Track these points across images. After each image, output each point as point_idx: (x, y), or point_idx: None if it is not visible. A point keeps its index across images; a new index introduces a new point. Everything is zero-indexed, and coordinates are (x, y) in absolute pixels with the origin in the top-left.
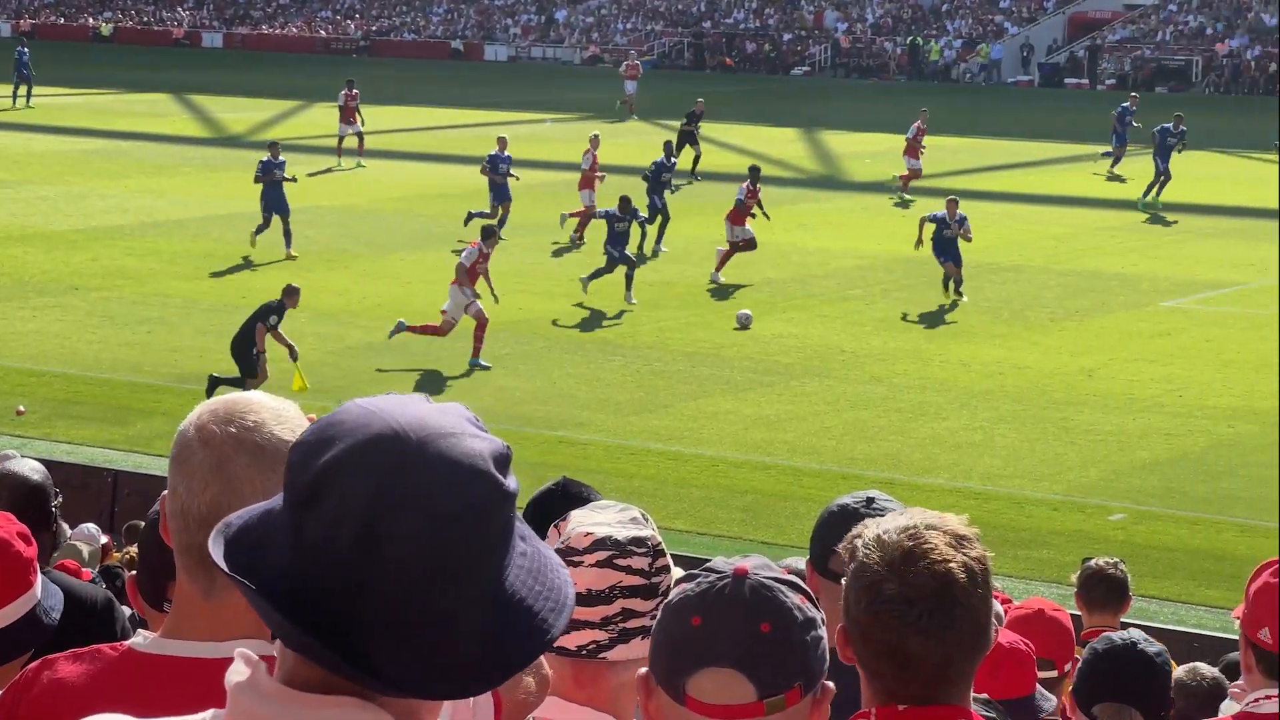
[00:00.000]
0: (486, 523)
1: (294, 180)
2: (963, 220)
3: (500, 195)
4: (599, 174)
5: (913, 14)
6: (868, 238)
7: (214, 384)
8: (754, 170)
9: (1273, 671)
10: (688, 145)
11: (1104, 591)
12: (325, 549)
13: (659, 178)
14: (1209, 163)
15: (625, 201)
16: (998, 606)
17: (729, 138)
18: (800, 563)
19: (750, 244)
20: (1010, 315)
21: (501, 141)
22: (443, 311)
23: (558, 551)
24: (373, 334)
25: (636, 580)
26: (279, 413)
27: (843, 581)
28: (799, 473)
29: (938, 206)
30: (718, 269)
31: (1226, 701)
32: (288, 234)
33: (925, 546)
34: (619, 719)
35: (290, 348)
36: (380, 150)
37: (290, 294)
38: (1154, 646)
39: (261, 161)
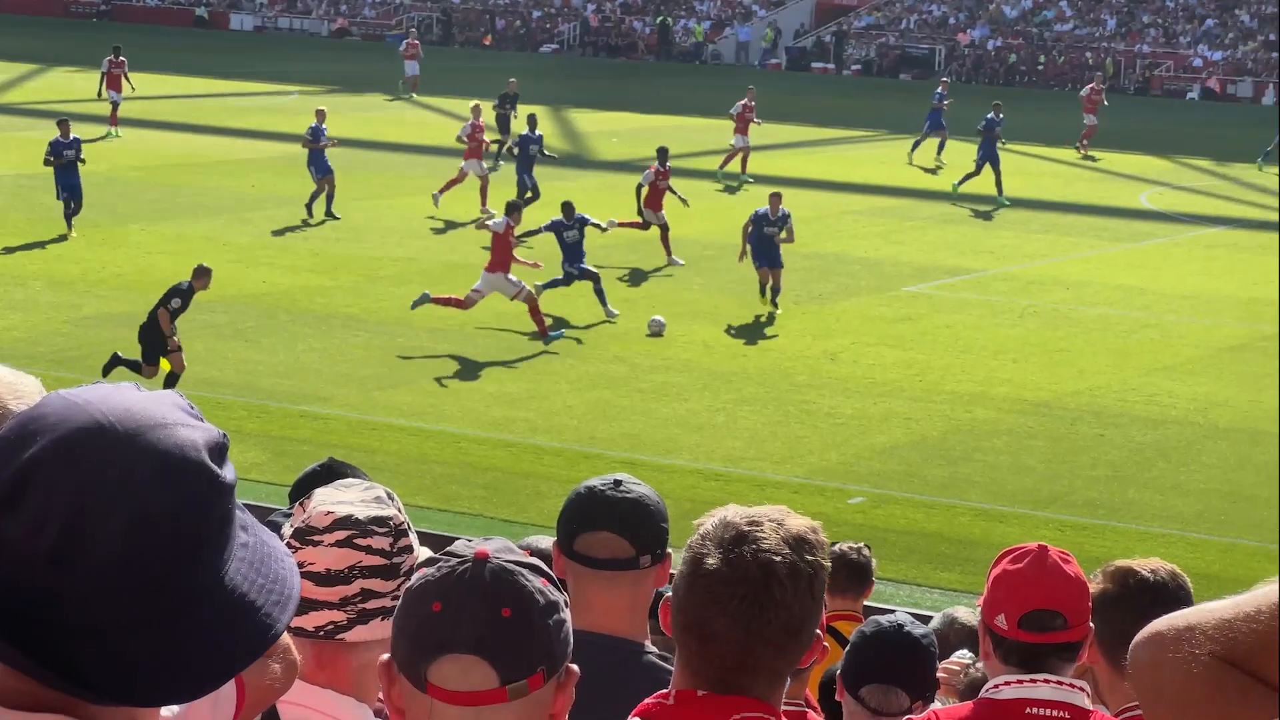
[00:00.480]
0: (202, 517)
1: (83, 161)
2: (786, 217)
3: (322, 169)
4: (485, 140)
5: None
6: (613, 217)
7: (113, 364)
8: (662, 151)
9: (1009, 657)
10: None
11: (847, 576)
12: (26, 551)
13: (526, 152)
14: (951, 150)
15: (569, 208)
16: None
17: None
18: (544, 542)
19: (665, 228)
20: (754, 297)
21: (320, 114)
22: (474, 289)
23: (298, 530)
24: (110, 304)
25: (377, 560)
26: (15, 387)
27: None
28: (540, 451)
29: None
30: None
31: (939, 691)
32: (74, 212)
33: (758, 534)
34: (361, 700)
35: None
36: (122, 118)
37: (200, 275)
38: (920, 629)
39: (51, 141)
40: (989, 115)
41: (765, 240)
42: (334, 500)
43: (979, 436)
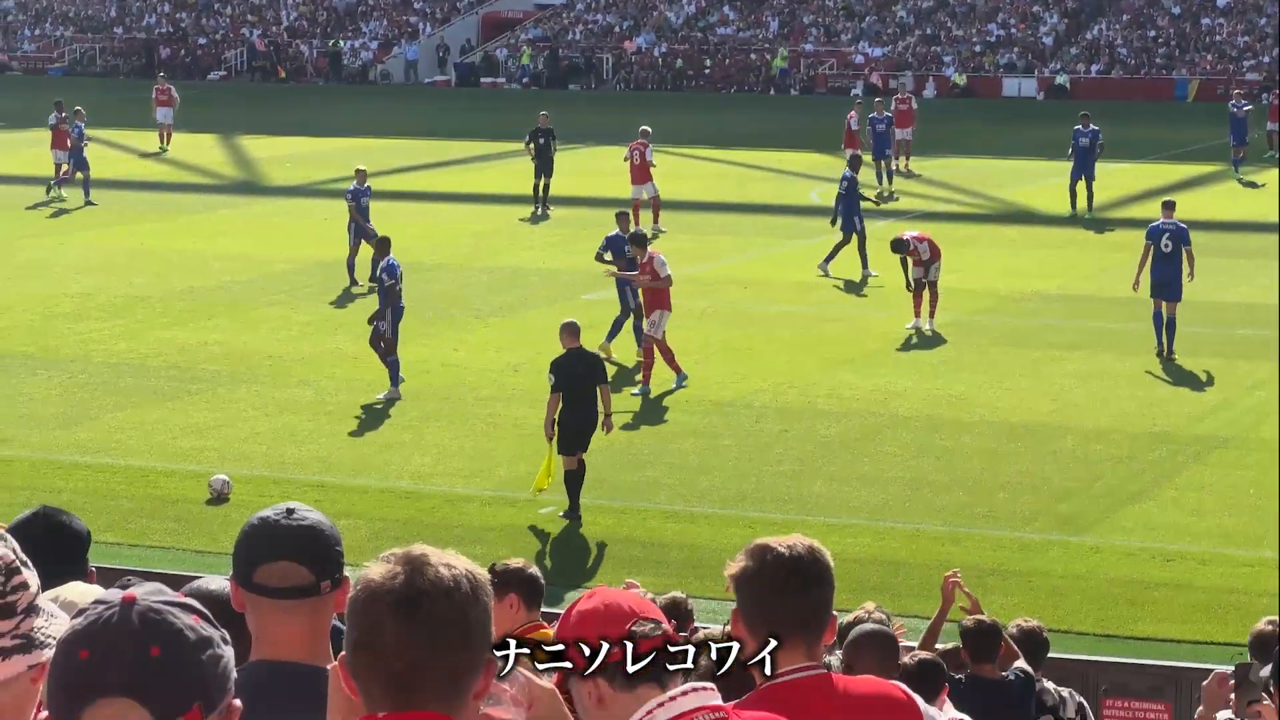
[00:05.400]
0: None
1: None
2: (1180, 232)
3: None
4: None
5: (328, 16)
6: (290, 242)
7: None
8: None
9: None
10: None
11: (528, 592)
12: None
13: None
14: (609, 157)
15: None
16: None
17: (136, 143)
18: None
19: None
20: (435, 314)
21: (360, 174)
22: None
23: None
24: None
25: None
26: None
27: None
28: (231, 479)
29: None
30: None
31: None
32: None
33: (428, 551)
34: None
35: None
36: None
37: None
38: None
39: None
40: (1078, 127)
41: (1162, 263)
42: None
43: (666, 439)
